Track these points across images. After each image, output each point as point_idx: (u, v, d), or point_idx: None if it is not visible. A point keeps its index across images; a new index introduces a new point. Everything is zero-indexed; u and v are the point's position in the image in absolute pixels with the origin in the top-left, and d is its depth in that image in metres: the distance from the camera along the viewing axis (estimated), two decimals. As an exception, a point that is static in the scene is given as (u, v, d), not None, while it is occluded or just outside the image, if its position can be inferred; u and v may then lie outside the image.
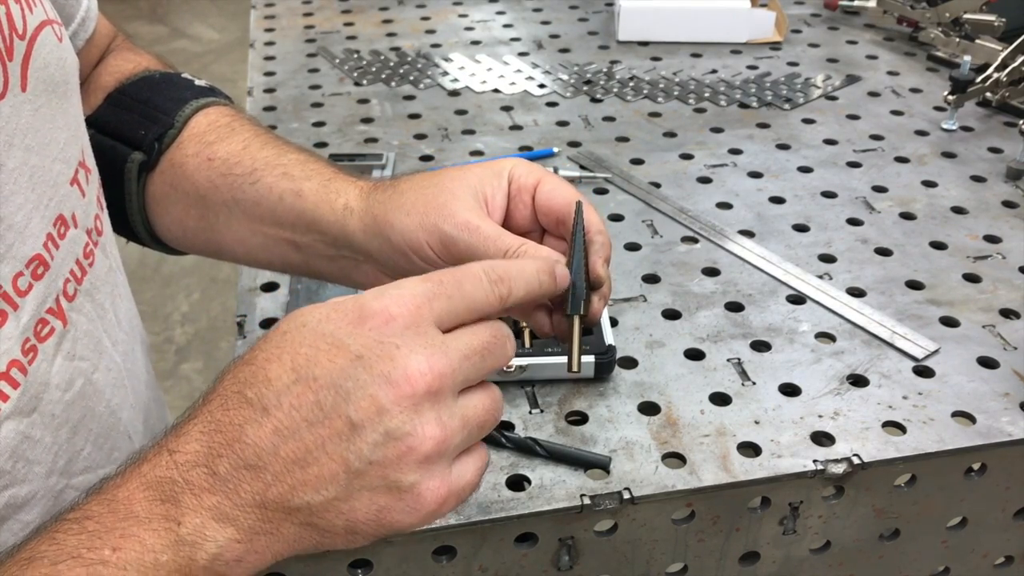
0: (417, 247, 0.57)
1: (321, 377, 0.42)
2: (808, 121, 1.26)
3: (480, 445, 0.47)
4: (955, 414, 0.80)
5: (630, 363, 0.85)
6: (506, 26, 1.52)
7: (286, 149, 0.66)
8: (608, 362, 0.83)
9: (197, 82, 0.72)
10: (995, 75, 1.23)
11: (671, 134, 1.23)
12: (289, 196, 0.62)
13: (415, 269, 0.58)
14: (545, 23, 1.53)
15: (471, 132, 1.23)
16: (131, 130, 0.66)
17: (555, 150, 1.18)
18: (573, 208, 0.57)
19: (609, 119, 1.26)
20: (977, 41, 1.35)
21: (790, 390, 0.83)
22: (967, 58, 1.24)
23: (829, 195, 1.10)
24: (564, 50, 1.44)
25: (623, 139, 1.22)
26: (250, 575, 0.43)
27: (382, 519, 0.44)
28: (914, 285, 0.96)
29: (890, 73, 1.38)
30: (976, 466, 0.79)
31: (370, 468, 0.42)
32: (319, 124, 1.24)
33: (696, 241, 1.02)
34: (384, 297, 0.44)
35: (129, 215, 0.68)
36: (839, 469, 0.75)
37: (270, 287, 0.95)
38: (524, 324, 0.85)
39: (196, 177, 0.66)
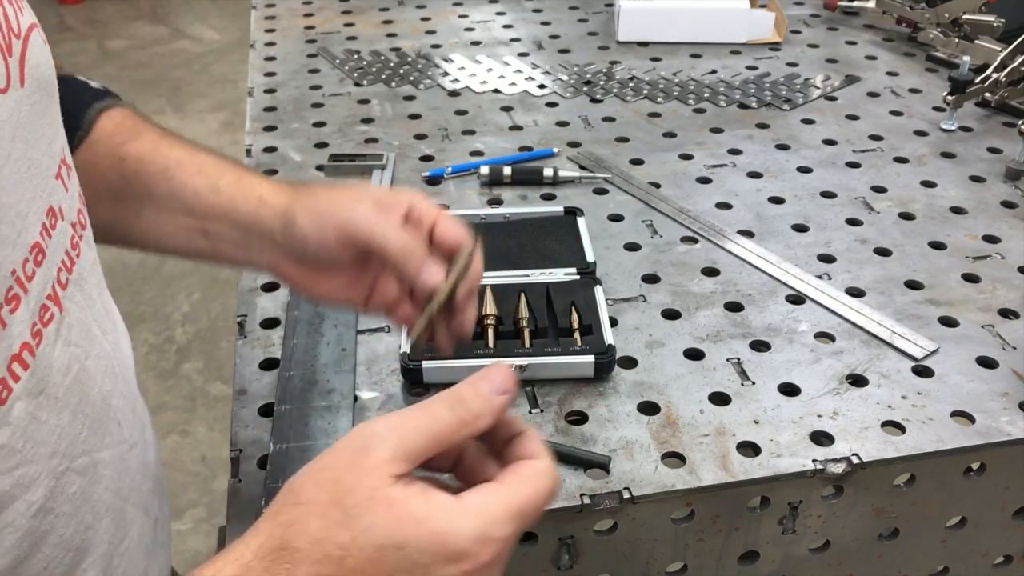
0: (319, 229, 0.67)
1: None
2: (807, 121, 1.26)
3: None
4: (954, 414, 0.80)
5: (630, 363, 0.86)
6: (506, 27, 1.52)
7: (194, 148, 0.73)
8: (608, 362, 0.83)
9: (92, 84, 0.76)
10: (994, 75, 1.23)
11: (671, 134, 1.23)
12: (204, 191, 0.70)
13: (308, 252, 0.68)
14: (545, 24, 1.53)
15: (471, 132, 1.23)
16: None
17: (555, 150, 1.18)
18: (464, 244, 0.66)
19: (609, 119, 1.26)
20: (976, 41, 1.35)
21: (789, 390, 0.83)
22: (966, 58, 1.24)
23: (828, 195, 1.11)
24: (564, 51, 1.44)
25: (623, 139, 1.22)
26: None
27: None
28: (913, 285, 0.96)
29: (889, 73, 1.38)
30: (975, 466, 0.80)
31: None
32: (319, 124, 1.24)
33: (696, 241, 1.02)
34: (478, 543, 0.47)
35: None
36: (838, 469, 0.75)
37: (270, 287, 0.95)
38: (524, 324, 0.85)
39: (109, 175, 0.71)
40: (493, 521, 0.47)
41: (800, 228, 1.05)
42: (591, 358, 0.82)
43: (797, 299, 0.94)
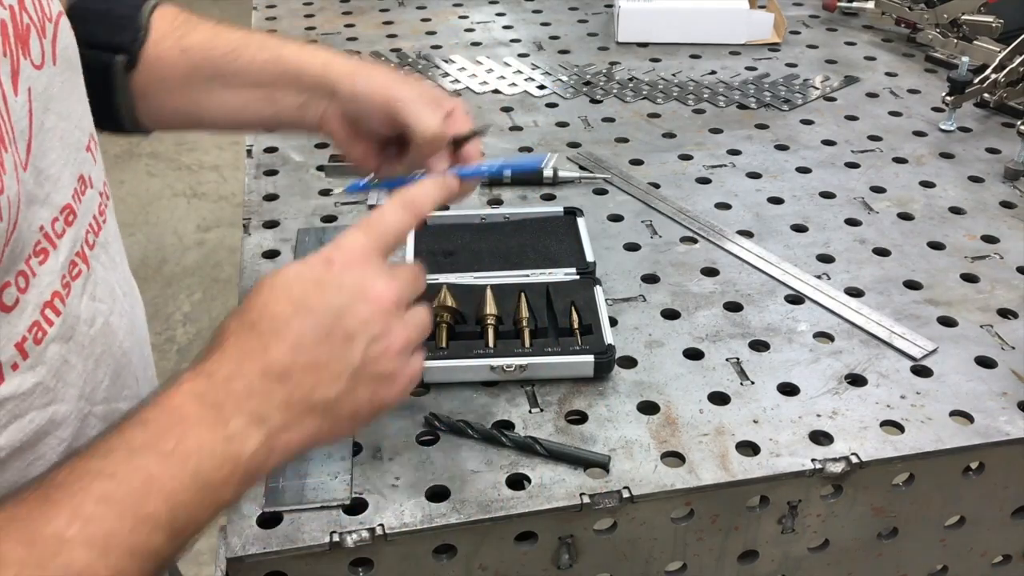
0: (370, 95, 0.76)
1: (316, 306, 0.55)
2: (807, 122, 1.27)
3: (421, 346, 0.62)
4: (953, 413, 0.80)
5: (629, 363, 0.86)
6: (506, 27, 1.52)
7: (248, 31, 0.83)
8: (607, 362, 0.83)
9: None
10: (993, 76, 1.24)
11: (670, 135, 1.23)
12: (270, 62, 0.79)
13: (360, 113, 0.77)
14: (545, 24, 1.53)
15: (471, 133, 1.23)
16: (106, 38, 0.78)
17: (549, 154, 1.17)
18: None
19: (608, 120, 1.27)
20: (975, 42, 1.35)
21: (789, 389, 0.83)
22: (965, 59, 1.24)
23: (827, 195, 1.11)
24: (564, 51, 1.45)
25: (622, 140, 1.22)
26: (277, 465, 0.55)
27: (375, 401, 0.58)
28: (912, 285, 0.96)
29: (888, 74, 1.38)
30: (974, 465, 0.80)
31: (365, 365, 0.57)
32: (320, 125, 1.24)
33: (695, 241, 1.03)
34: (341, 249, 0.58)
35: (119, 108, 0.80)
36: (837, 468, 0.75)
37: (271, 287, 0.95)
38: (524, 324, 0.85)
39: (177, 66, 0.80)
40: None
41: (799, 228, 1.05)
42: (591, 358, 0.83)
43: (796, 299, 0.94)
